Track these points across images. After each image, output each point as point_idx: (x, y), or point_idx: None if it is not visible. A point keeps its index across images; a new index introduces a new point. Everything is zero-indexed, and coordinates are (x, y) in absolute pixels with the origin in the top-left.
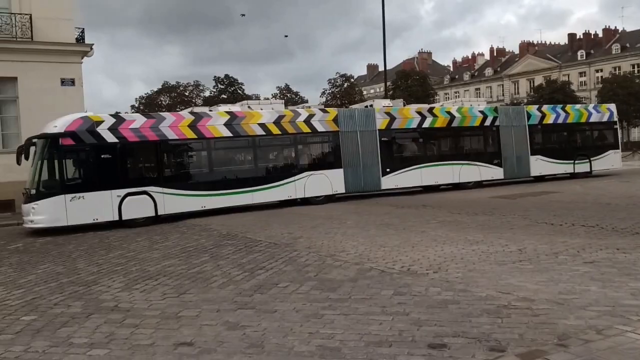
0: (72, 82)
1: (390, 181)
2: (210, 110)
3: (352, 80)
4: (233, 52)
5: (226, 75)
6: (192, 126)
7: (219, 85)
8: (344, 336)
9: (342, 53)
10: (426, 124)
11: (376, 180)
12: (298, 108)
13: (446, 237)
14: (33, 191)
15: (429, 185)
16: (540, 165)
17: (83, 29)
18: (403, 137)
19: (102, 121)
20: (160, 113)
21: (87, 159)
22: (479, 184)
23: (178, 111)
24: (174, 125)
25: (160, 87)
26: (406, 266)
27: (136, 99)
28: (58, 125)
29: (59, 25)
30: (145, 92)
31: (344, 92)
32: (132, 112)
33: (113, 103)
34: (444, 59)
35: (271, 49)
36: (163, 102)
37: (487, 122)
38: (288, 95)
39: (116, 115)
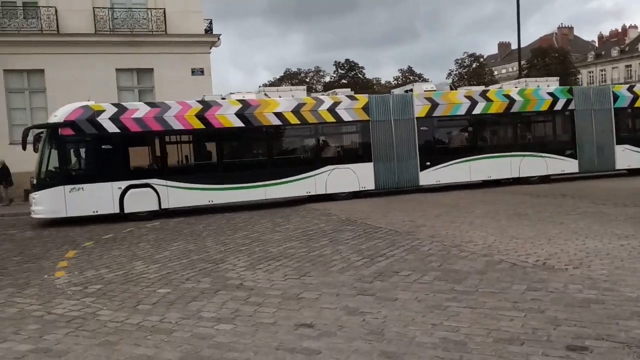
0: (202, 71)
1: (430, 176)
2: (223, 99)
3: (481, 60)
4: (355, 36)
5: (346, 60)
6: (200, 116)
7: (339, 70)
8: (470, 330)
9: (472, 31)
10: (477, 110)
11: (413, 175)
12: (322, 95)
13: (589, 230)
14: (34, 181)
15: (486, 180)
16: (627, 156)
17: (211, 20)
18: (448, 126)
19: (103, 110)
20: (166, 102)
21: (87, 149)
22: (545, 179)
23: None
24: (179, 114)
25: (282, 74)
26: (541, 260)
27: (259, 86)
28: (58, 115)
29: (190, 17)
30: (268, 80)
31: (473, 73)
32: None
33: (238, 91)
34: (588, 34)
35: (395, 30)
36: None
37: (558, 106)
38: (410, 77)
39: (118, 105)
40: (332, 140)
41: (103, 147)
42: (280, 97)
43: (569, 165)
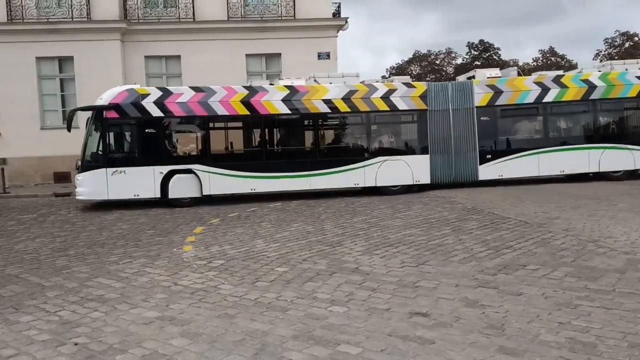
0: (328, 55)
1: (491, 170)
2: (271, 84)
3: (636, 38)
4: (493, 15)
5: (481, 41)
6: (245, 102)
7: (472, 52)
8: (602, 332)
9: (626, 7)
10: (549, 98)
11: (472, 169)
12: (376, 82)
13: None
14: (79, 162)
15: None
16: None
17: (339, 3)
18: (513, 115)
19: (148, 94)
20: (212, 86)
21: (131, 132)
22: (632, 174)
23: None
24: (224, 100)
25: (411, 56)
26: None
27: (387, 69)
28: (103, 97)
29: (318, 1)
30: (396, 62)
31: (625, 53)
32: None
33: (366, 73)
34: None
35: (538, 8)
36: (413, 72)
37: None
38: (552, 59)
39: (163, 89)
40: (384, 130)
41: (147, 131)
42: (331, 83)
43: None
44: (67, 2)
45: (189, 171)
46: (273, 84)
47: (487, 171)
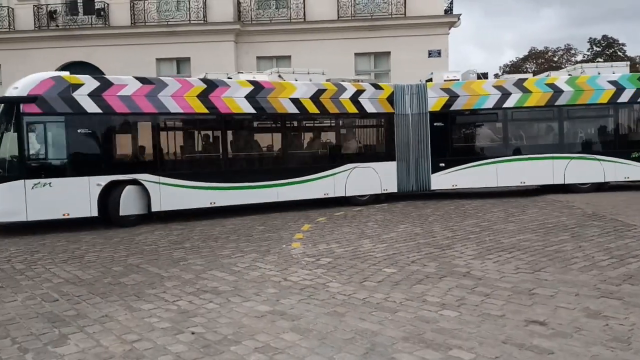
0: (439, 53)
1: (443, 180)
2: (229, 78)
3: None
4: (617, 8)
5: (604, 36)
6: (203, 97)
7: (594, 48)
8: None
9: None
10: (509, 103)
11: (425, 177)
12: (343, 82)
13: None
14: None
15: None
16: None
17: (452, 0)
18: (469, 122)
19: (82, 84)
20: (162, 78)
21: (58, 133)
22: (600, 187)
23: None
24: (178, 94)
25: (527, 53)
26: None
27: (500, 67)
28: (19, 86)
29: None
30: (511, 60)
31: None
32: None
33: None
34: None
35: None
36: (529, 69)
37: (623, 98)
38: None
39: (101, 78)
40: (353, 134)
41: (79, 131)
42: (296, 80)
43: (635, 171)
44: (185, 6)
45: (134, 182)
46: (232, 78)
47: (440, 180)
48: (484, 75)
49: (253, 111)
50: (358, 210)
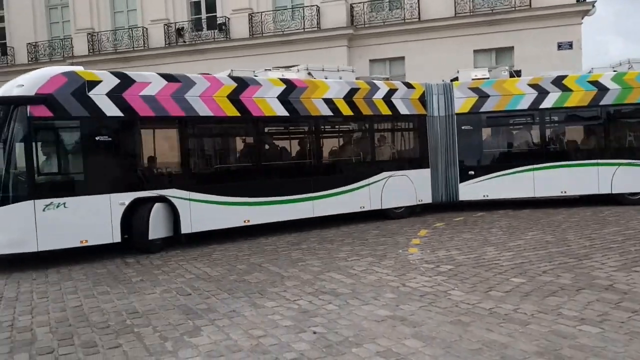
0: (570, 45)
1: (472, 189)
2: (256, 76)
3: None
4: None
5: None
6: (233, 98)
7: None
8: None
9: None
10: (547, 103)
11: (453, 187)
12: (375, 79)
13: None
14: None
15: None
16: None
17: None
18: (501, 124)
19: (99, 81)
20: (189, 75)
21: (73, 141)
22: None
23: None
24: (207, 94)
25: None
26: None
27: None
28: (25, 83)
29: None
30: None
31: None
32: None
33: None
34: None
35: None
36: None
37: None
38: None
39: (120, 74)
40: (387, 138)
41: (97, 138)
42: (326, 78)
43: None
44: (300, 14)
45: (161, 199)
46: (257, 76)
47: (468, 190)
48: (517, 73)
49: (286, 114)
50: (479, 216)
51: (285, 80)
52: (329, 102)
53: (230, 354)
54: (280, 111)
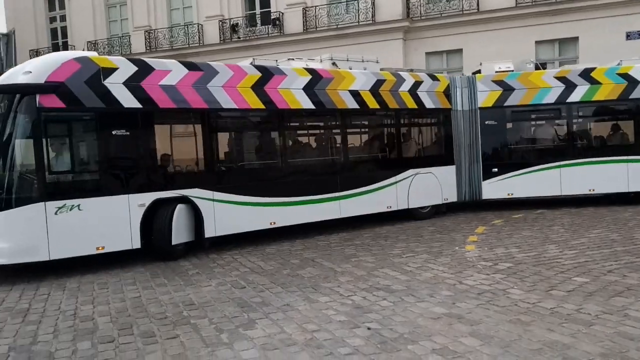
0: (639, 34)
1: (496, 187)
2: (278, 65)
3: None
4: None
5: None
6: (258, 88)
7: None
8: None
9: None
10: (575, 97)
11: (476, 185)
12: (400, 71)
13: None
14: None
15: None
16: None
17: None
18: (527, 119)
19: (115, 68)
20: (211, 63)
21: (87, 135)
22: None
23: None
24: (230, 84)
25: None
26: None
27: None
28: (33, 70)
29: None
30: None
31: None
32: None
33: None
34: None
35: None
36: None
37: None
38: None
39: (139, 61)
40: (413, 133)
41: (114, 132)
42: (351, 68)
43: None
44: (355, 7)
45: (183, 199)
46: (279, 65)
47: (492, 188)
48: (543, 65)
49: (312, 106)
50: (539, 213)
51: (310, 71)
52: (355, 94)
53: (284, 347)
54: (306, 103)
